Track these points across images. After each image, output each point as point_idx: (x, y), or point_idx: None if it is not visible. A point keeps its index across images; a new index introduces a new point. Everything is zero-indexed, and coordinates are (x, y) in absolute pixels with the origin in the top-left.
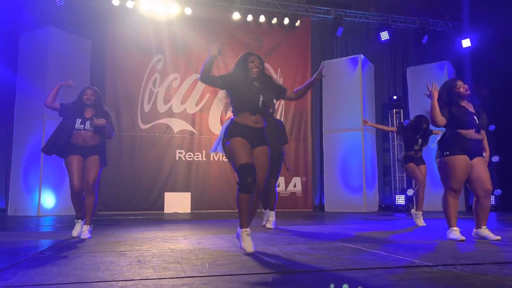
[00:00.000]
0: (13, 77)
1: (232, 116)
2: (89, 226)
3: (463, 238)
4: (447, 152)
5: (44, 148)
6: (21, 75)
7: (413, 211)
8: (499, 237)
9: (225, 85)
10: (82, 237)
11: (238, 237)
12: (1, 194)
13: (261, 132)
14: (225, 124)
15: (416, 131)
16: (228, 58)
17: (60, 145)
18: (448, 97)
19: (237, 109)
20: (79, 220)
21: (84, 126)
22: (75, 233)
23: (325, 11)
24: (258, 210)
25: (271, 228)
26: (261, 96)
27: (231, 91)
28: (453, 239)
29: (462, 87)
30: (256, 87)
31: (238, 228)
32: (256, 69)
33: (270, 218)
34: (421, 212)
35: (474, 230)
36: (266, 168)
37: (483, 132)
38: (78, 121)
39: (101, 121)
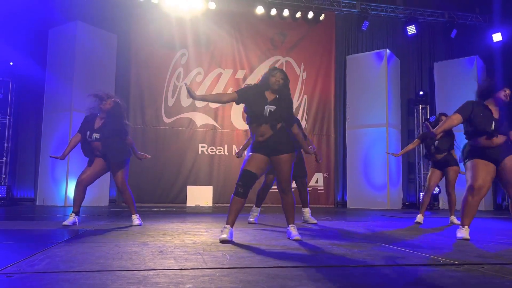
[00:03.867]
0: (42, 70)
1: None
2: (135, 215)
3: (468, 237)
4: (467, 159)
5: (88, 158)
6: (49, 68)
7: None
8: None
9: (241, 100)
10: (134, 224)
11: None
12: (30, 184)
13: (271, 142)
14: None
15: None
16: (251, 53)
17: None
18: (486, 95)
19: (247, 121)
20: (74, 214)
21: (92, 139)
22: (66, 222)
23: (350, 4)
24: (246, 205)
25: (315, 223)
26: (268, 107)
27: (245, 104)
28: (459, 238)
29: (506, 93)
30: (265, 99)
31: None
32: (277, 83)
33: (307, 214)
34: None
35: None
36: (289, 171)
37: (501, 137)
38: (88, 133)
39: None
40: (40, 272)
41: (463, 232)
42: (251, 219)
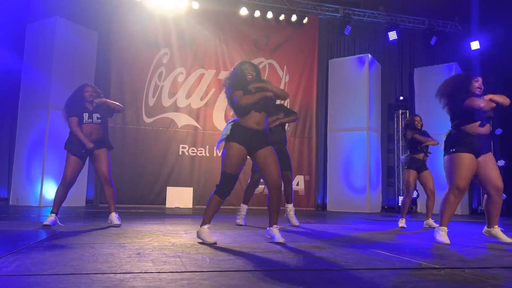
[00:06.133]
0: (18, 66)
1: (236, 118)
2: (115, 213)
3: (448, 242)
4: (453, 149)
5: (66, 145)
6: (27, 64)
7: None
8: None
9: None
10: (114, 224)
11: (268, 233)
12: (4, 183)
13: (262, 135)
14: (229, 122)
15: (413, 130)
16: (234, 54)
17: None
18: (463, 90)
19: (242, 114)
20: (53, 214)
21: (93, 120)
22: (47, 222)
23: (334, 9)
24: (232, 207)
25: (297, 225)
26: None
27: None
28: (439, 241)
29: (479, 84)
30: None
31: (268, 227)
32: (250, 76)
33: (290, 213)
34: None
35: (486, 228)
36: (277, 165)
37: (488, 126)
38: (86, 115)
39: (102, 100)
40: (9, 275)
41: (443, 236)
42: (239, 221)
